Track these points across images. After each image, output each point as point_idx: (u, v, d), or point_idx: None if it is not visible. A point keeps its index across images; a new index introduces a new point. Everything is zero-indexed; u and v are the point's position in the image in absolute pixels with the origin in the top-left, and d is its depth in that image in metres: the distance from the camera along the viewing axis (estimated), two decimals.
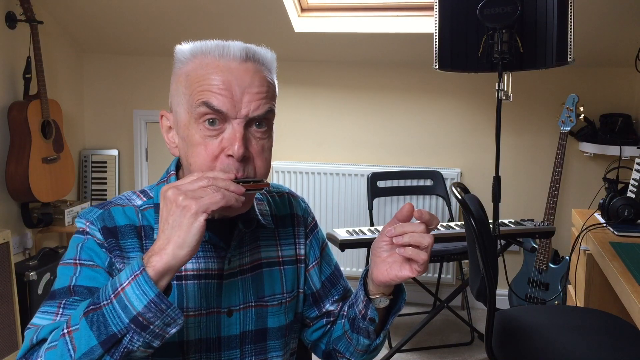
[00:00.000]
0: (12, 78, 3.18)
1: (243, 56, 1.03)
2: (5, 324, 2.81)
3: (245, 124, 1.02)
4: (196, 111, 1.01)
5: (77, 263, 1.03)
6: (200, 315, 1.08)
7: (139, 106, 3.83)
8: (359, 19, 3.36)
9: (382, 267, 1.03)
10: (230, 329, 1.11)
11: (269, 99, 1.04)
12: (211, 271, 1.09)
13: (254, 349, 1.14)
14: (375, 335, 1.14)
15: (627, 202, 2.26)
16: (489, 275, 1.88)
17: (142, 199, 1.13)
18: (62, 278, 1.03)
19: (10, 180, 3.09)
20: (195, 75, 1.03)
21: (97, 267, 1.03)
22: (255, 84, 1.02)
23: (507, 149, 3.33)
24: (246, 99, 1.01)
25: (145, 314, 0.87)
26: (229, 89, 1.00)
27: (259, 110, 1.02)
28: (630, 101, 3.33)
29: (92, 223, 1.06)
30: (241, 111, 1.01)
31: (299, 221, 1.23)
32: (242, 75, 1.01)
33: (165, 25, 3.47)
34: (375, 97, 3.61)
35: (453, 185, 2.22)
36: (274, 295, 1.16)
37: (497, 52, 2.28)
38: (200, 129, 1.02)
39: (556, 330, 1.94)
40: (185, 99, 1.04)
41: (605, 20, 3.00)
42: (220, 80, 1.00)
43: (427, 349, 3.11)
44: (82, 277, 1.02)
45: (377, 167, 3.53)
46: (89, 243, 1.05)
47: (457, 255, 2.94)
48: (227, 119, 1.01)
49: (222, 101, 1.00)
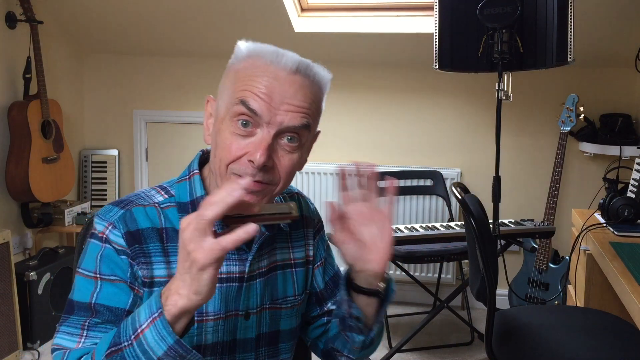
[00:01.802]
0: (12, 78, 3.19)
1: (294, 68, 1.01)
2: (5, 324, 2.81)
3: (277, 134, 1.00)
4: (233, 109, 1.00)
5: (97, 277, 1.02)
6: (219, 318, 1.08)
7: (139, 106, 3.83)
8: (359, 19, 3.36)
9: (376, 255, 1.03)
10: (247, 332, 1.11)
11: (308, 115, 1.02)
12: (232, 274, 1.08)
13: (268, 351, 1.14)
14: (368, 329, 1.13)
15: (627, 202, 2.26)
16: (489, 275, 1.88)
17: (163, 196, 1.10)
18: (82, 291, 1.02)
19: (10, 180, 3.09)
20: (244, 74, 1.02)
21: (119, 281, 1.02)
22: (298, 97, 1.00)
23: (507, 149, 3.33)
24: (284, 108, 0.99)
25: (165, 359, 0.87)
26: (270, 95, 0.99)
27: (293, 122, 1.00)
28: (630, 101, 3.33)
29: (115, 226, 1.03)
30: (275, 118, 0.99)
31: (308, 222, 1.24)
32: (287, 85, 1.00)
33: (165, 26, 3.47)
34: (375, 97, 3.61)
35: (453, 185, 2.22)
36: (286, 297, 1.16)
37: (497, 52, 2.28)
38: (232, 127, 1.00)
39: (556, 330, 1.94)
40: (227, 94, 1.03)
41: (605, 20, 3.00)
42: (264, 84, 0.99)
43: (427, 349, 3.11)
44: (103, 295, 1.01)
45: (377, 167, 3.52)
46: (107, 252, 1.02)
47: (457, 255, 2.94)
48: (260, 124, 0.99)
49: (259, 104, 0.98)
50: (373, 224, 1.04)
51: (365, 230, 1.04)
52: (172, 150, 3.83)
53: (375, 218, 1.04)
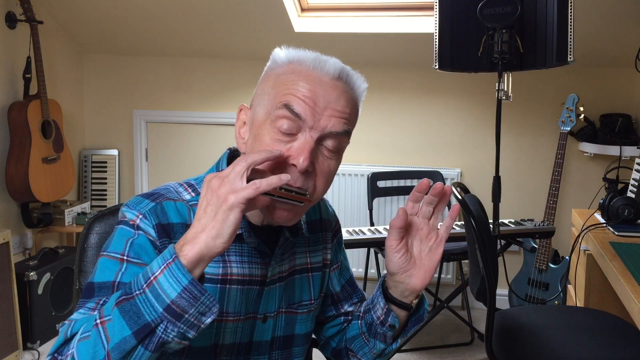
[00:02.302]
0: (12, 78, 3.19)
1: (336, 74, 1.02)
2: (5, 324, 2.81)
3: (319, 139, 1.00)
4: (275, 113, 0.99)
5: (124, 259, 0.99)
6: (238, 320, 1.08)
7: (139, 106, 3.83)
8: (359, 19, 3.36)
9: (420, 272, 1.06)
10: (263, 335, 1.12)
11: (350, 121, 1.03)
12: (255, 277, 1.09)
13: (281, 354, 1.15)
14: (392, 340, 1.15)
15: (627, 202, 2.26)
16: (489, 275, 1.88)
17: (190, 194, 1.09)
18: (105, 272, 0.99)
19: (10, 180, 3.09)
20: (285, 79, 1.02)
21: (145, 265, 0.98)
22: (341, 102, 1.01)
23: (507, 149, 3.33)
24: (327, 113, 0.99)
25: (179, 302, 0.84)
26: (314, 99, 0.99)
27: (336, 128, 1.00)
28: (630, 101, 3.33)
29: (146, 217, 1.01)
30: (319, 122, 0.99)
31: (326, 226, 1.24)
32: (330, 91, 1.00)
33: (165, 26, 3.47)
34: (375, 97, 3.60)
35: (453, 185, 2.22)
36: (302, 302, 1.17)
37: (497, 52, 2.28)
38: (273, 131, 0.99)
39: (556, 330, 1.95)
40: (268, 99, 1.02)
41: (605, 20, 3.00)
42: (308, 88, 0.99)
43: (427, 349, 3.11)
44: (127, 274, 0.97)
45: (377, 167, 3.53)
46: (140, 240, 1.00)
47: (457, 255, 2.94)
48: (302, 129, 0.99)
49: (304, 107, 0.98)
50: (426, 242, 1.07)
51: (417, 245, 1.07)
52: (172, 150, 3.83)
53: (431, 237, 1.07)
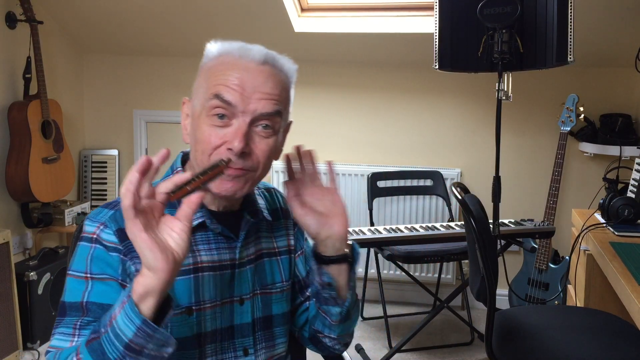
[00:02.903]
0: (12, 78, 3.19)
1: (262, 59, 1.09)
2: (5, 324, 2.81)
3: (252, 121, 1.06)
4: (208, 103, 1.06)
5: (87, 277, 1.04)
6: (216, 305, 1.12)
7: (139, 106, 3.83)
8: (359, 19, 3.36)
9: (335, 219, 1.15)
10: (243, 317, 1.16)
11: (279, 102, 1.09)
12: (224, 262, 1.14)
13: (264, 335, 1.19)
14: (342, 299, 1.19)
15: (627, 202, 2.26)
16: (489, 275, 1.88)
17: None
18: (73, 292, 1.04)
19: (10, 180, 3.09)
20: (215, 70, 1.09)
21: (109, 279, 1.04)
22: (269, 85, 1.08)
23: (507, 149, 3.33)
24: (256, 96, 1.06)
25: (136, 341, 0.89)
26: (242, 85, 1.06)
27: (266, 109, 1.07)
28: (630, 101, 3.33)
29: (106, 225, 1.07)
30: (249, 106, 1.06)
31: (286, 214, 1.30)
32: (256, 75, 1.07)
33: (165, 26, 3.47)
34: (375, 97, 3.61)
35: (453, 185, 2.22)
36: (275, 283, 1.22)
37: (497, 52, 2.28)
38: (208, 121, 1.07)
39: (556, 330, 1.95)
40: (202, 92, 1.09)
41: (605, 20, 3.00)
42: (235, 76, 1.06)
43: (427, 349, 3.11)
44: (93, 293, 1.03)
45: (377, 167, 3.53)
46: (97, 252, 1.05)
47: (457, 255, 2.94)
48: (235, 115, 1.06)
49: (233, 95, 1.05)
50: (325, 198, 1.17)
51: (319, 204, 1.16)
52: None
53: (325, 193, 1.17)
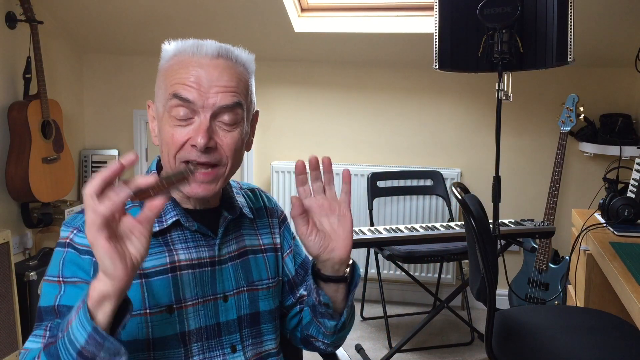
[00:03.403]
0: (12, 78, 3.18)
1: (215, 53, 1.09)
2: (5, 324, 2.81)
3: (213, 116, 1.07)
4: (169, 104, 1.08)
5: (60, 281, 1.05)
6: (197, 303, 1.11)
7: (139, 106, 3.83)
8: (359, 19, 3.36)
9: (339, 243, 1.10)
10: (228, 314, 1.15)
11: (238, 93, 1.10)
12: (203, 259, 1.14)
13: (251, 332, 1.19)
14: (338, 314, 1.20)
15: (627, 202, 2.26)
16: (489, 275, 1.88)
17: None
18: (47, 296, 1.05)
19: (10, 180, 3.09)
20: (171, 70, 1.10)
21: (80, 282, 1.04)
22: (224, 78, 1.08)
23: (507, 149, 3.33)
24: (213, 90, 1.07)
25: (87, 348, 0.87)
26: (198, 82, 1.06)
27: (225, 101, 1.07)
28: (630, 101, 3.33)
29: (80, 229, 1.08)
30: (208, 101, 1.06)
31: (272, 213, 1.31)
32: (211, 70, 1.08)
33: (165, 26, 3.47)
34: (375, 97, 3.61)
35: (453, 185, 2.22)
36: (262, 280, 1.22)
37: (497, 52, 2.28)
38: (171, 121, 1.08)
39: (556, 330, 1.94)
40: (161, 93, 1.11)
41: (605, 20, 3.00)
42: (191, 74, 1.07)
43: (427, 349, 3.11)
44: (65, 297, 1.03)
45: (377, 167, 3.53)
46: (69, 256, 1.06)
47: (457, 255, 2.94)
48: (196, 111, 1.07)
49: (190, 92, 1.06)
50: (333, 215, 1.11)
51: (326, 221, 1.11)
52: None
53: (335, 208, 1.11)
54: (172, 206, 1.13)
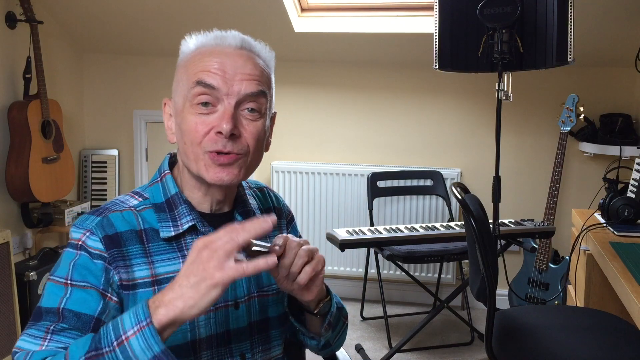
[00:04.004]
0: (12, 78, 3.18)
1: (239, 44, 1.09)
2: (5, 324, 2.81)
3: (237, 104, 1.06)
4: (191, 93, 1.06)
5: (68, 283, 1.02)
6: (209, 311, 1.09)
7: (139, 106, 3.83)
8: (359, 19, 3.36)
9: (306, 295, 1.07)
10: (239, 321, 1.13)
11: (261, 83, 1.08)
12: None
13: (260, 339, 1.17)
14: (318, 336, 1.20)
15: (627, 202, 2.26)
16: (489, 275, 1.88)
17: (137, 199, 1.13)
18: (51, 296, 1.02)
19: (10, 180, 3.09)
20: (193, 61, 1.08)
21: (89, 287, 1.02)
22: (249, 67, 1.07)
23: (507, 149, 3.33)
24: (238, 77, 1.06)
25: None
26: (222, 69, 1.05)
27: (250, 89, 1.06)
28: (630, 101, 3.33)
29: (92, 232, 1.05)
30: (233, 88, 1.05)
31: (280, 213, 1.30)
32: (236, 58, 1.07)
33: (165, 25, 3.47)
34: (375, 97, 3.61)
35: (453, 185, 2.22)
36: (271, 285, 1.20)
37: (497, 52, 2.28)
38: (193, 110, 1.06)
39: (556, 330, 1.94)
40: (182, 85, 1.09)
41: (605, 20, 3.00)
42: (215, 61, 1.06)
43: (427, 349, 3.11)
44: (72, 300, 1.00)
45: (377, 167, 3.53)
46: (82, 260, 1.03)
47: (457, 255, 2.94)
48: (220, 99, 1.05)
49: (215, 78, 1.05)
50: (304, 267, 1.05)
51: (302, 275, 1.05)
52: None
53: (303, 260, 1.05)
54: (188, 210, 1.11)
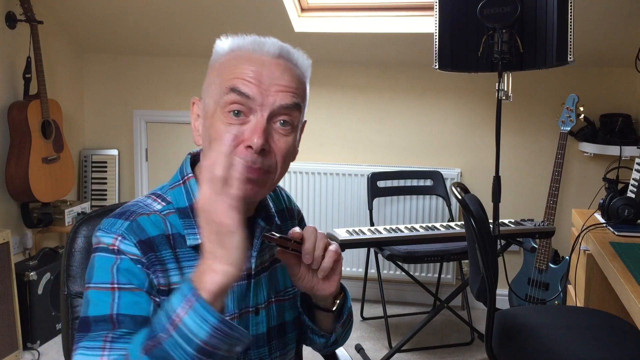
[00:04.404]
0: (12, 78, 3.18)
1: (277, 53, 1.04)
2: (5, 324, 2.81)
3: (270, 116, 1.01)
4: (223, 99, 1.01)
5: (114, 287, 0.97)
6: (234, 318, 1.07)
7: (139, 106, 3.83)
8: (359, 19, 3.36)
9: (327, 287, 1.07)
10: (259, 327, 1.12)
11: (297, 95, 1.04)
12: (240, 272, 1.09)
13: (278, 344, 1.16)
14: (328, 334, 1.20)
15: (627, 202, 2.26)
16: (489, 275, 1.88)
17: (160, 204, 1.08)
18: (98, 305, 0.96)
19: (10, 180, 3.09)
20: (229, 65, 1.04)
21: (137, 289, 0.98)
22: (286, 78, 1.03)
23: (507, 149, 3.33)
24: (274, 89, 1.01)
25: (211, 342, 0.84)
26: (258, 78, 1.01)
27: (285, 101, 1.02)
28: (630, 101, 3.33)
29: (125, 237, 1.00)
30: (267, 99, 1.00)
31: (292, 214, 1.27)
32: (273, 68, 1.03)
33: (165, 26, 3.47)
34: (375, 97, 3.60)
35: (453, 185, 2.22)
36: (287, 289, 1.18)
37: (497, 52, 2.28)
38: (224, 118, 1.01)
39: (556, 330, 1.94)
40: (214, 89, 1.04)
41: (605, 20, 3.00)
42: (251, 69, 1.01)
43: (427, 349, 3.11)
44: (123, 304, 0.96)
45: (377, 167, 3.53)
46: (125, 264, 0.98)
47: (457, 255, 2.94)
48: (252, 110, 1.01)
49: (250, 87, 1.00)
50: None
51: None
52: (172, 150, 3.82)
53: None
54: None
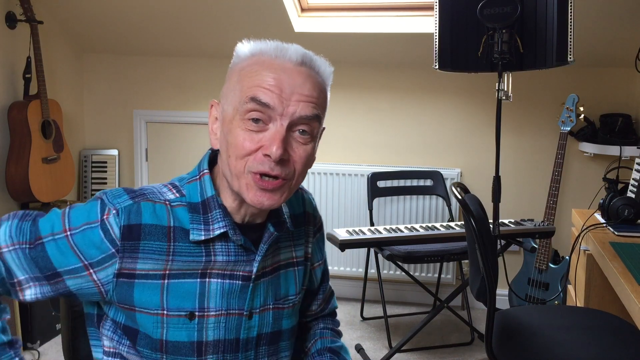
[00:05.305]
0: (12, 78, 3.18)
1: (299, 60, 1.03)
2: None
3: (290, 126, 1.00)
4: (243, 107, 1.00)
5: (67, 234, 1.02)
6: (220, 315, 1.07)
7: (139, 106, 3.83)
8: (359, 19, 3.36)
9: None
10: (250, 332, 1.11)
11: (317, 105, 1.03)
12: (236, 272, 1.08)
13: (268, 350, 1.15)
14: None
15: (627, 202, 2.26)
16: (489, 275, 1.88)
17: (174, 194, 1.08)
18: (47, 223, 1.04)
19: (10, 180, 3.09)
20: (249, 71, 1.02)
21: (77, 253, 1.01)
22: (307, 87, 1.02)
23: (507, 149, 3.33)
24: (295, 98, 1.00)
25: None
26: (279, 87, 0.99)
27: (305, 112, 1.01)
28: (630, 101, 3.33)
29: (118, 214, 1.01)
30: (288, 109, 1.00)
31: (309, 219, 1.25)
32: (295, 76, 1.01)
33: (165, 25, 3.47)
34: (376, 97, 3.61)
35: (453, 185, 2.22)
36: (288, 296, 1.17)
37: (497, 52, 2.28)
38: (242, 125, 1.01)
39: (556, 330, 1.94)
40: (234, 95, 1.03)
41: (605, 20, 3.00)
42: (272, 77, 1.00)
43: (427, 349, 3.11)
44: (54, 245, 1.02)
45: (377, 167, 3.53)
46: (94, 234, 1.01)
47: (457, 255, 2.94)
48: (272, 118, 1.00)
49: (270, 96, 0.99)
50: None
51: None
52: (172, 150, 3.82)
53: None
54: (222, 215, 1.06)
